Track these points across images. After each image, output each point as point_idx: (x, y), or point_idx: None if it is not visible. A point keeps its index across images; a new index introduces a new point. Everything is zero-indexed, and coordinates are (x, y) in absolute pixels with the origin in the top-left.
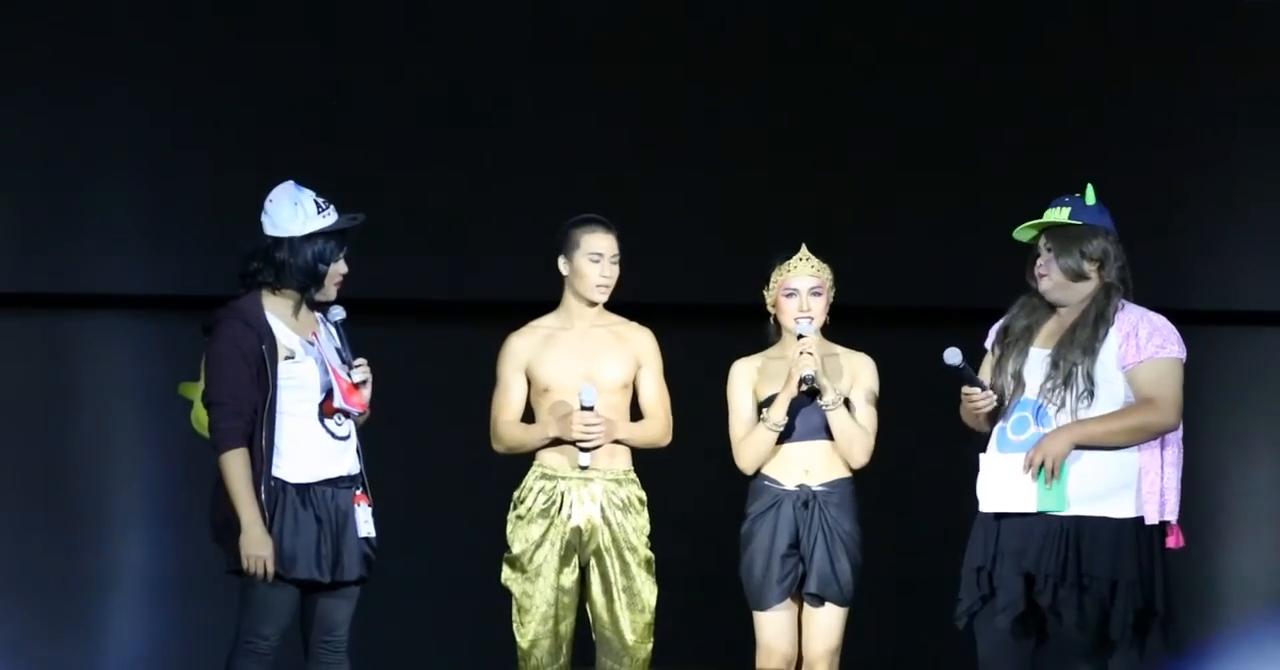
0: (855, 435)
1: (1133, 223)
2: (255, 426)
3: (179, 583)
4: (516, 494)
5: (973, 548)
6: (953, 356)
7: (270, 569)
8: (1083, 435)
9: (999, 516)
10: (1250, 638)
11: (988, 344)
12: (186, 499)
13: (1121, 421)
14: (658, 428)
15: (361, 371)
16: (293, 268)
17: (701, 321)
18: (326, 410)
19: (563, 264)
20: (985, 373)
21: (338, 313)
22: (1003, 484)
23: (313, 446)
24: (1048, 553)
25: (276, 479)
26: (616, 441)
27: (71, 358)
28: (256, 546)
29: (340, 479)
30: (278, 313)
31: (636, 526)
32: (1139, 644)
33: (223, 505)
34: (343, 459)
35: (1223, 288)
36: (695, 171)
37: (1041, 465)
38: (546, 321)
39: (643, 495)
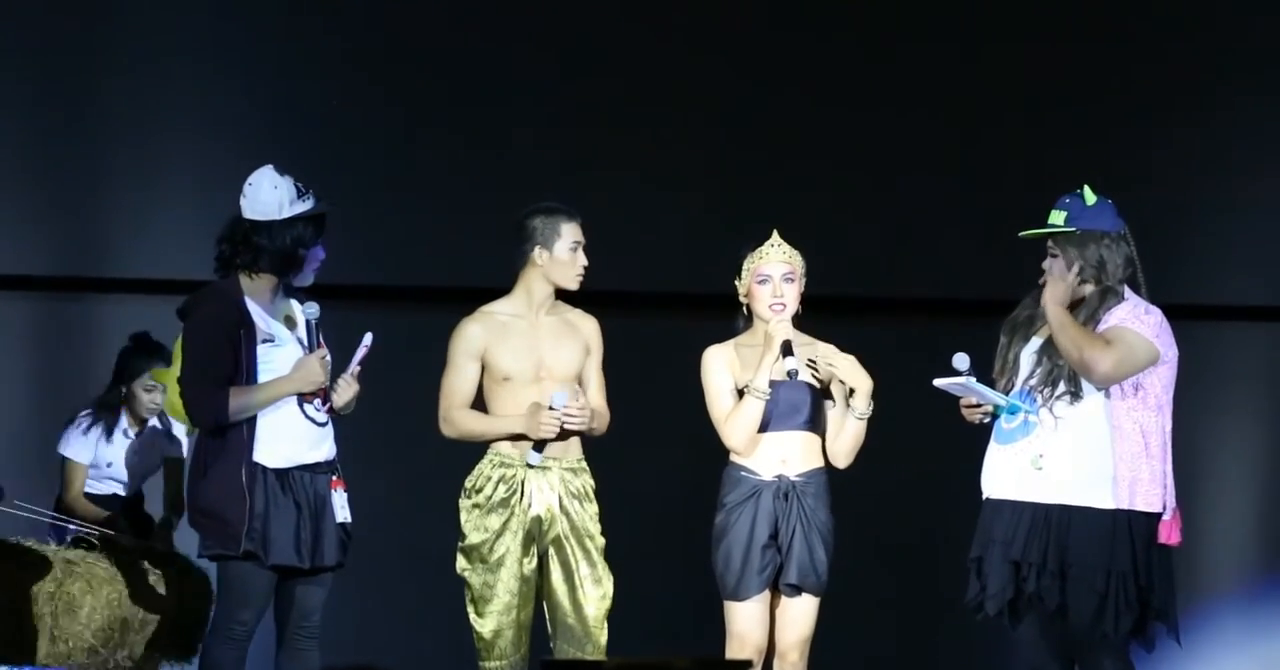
0: (859, 443)
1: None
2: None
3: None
4: (470, 483)
5: (975, 538)
6: (960, 362)
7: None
8: (1056, 314)
9: (995, 507)
10: (1217, 623)
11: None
12: None
13: (1079, 332)
14: (602, 419)
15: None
16: (271, 251)
17: (653, 310)
18: (305, 396)
19: (538, 253)
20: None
21: (312, 310)
22: (994, 470)
23: (292, 432)
24: (1033, 541)
25: (256, 463)
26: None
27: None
28: (311, 373)
29: (318, 465)
30: (256, 297)
31: (591, 514)
32: (1140, 634)
33: (200, 491)
34: (321, 445)
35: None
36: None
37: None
38: (500, 307)
39: (593, 484)
